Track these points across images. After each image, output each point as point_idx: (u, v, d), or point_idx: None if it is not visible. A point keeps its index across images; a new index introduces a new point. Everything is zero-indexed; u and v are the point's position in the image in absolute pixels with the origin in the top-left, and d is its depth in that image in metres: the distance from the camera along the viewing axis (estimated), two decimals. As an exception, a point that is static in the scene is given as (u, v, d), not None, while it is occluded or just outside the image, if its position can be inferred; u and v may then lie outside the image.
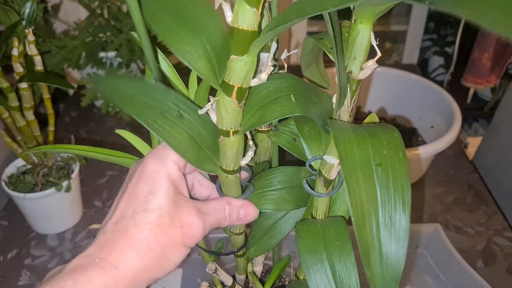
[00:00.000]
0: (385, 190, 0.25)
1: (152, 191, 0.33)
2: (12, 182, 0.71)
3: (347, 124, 0.31)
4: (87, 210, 0.80)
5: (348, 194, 0.25)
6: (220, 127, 0.33)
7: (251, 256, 0.45)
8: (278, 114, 0.33)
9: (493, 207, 0.80)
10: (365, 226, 0.24)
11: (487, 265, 0.70)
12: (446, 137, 0.72)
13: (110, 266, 0.30)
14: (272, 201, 0.39)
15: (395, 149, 0.27)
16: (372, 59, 0.30)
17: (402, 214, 0.25)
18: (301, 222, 0.38)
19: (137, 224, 0.32)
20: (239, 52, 0.28)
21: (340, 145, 0.27)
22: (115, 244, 0.31)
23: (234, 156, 0.35)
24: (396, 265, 0.25)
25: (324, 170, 0.35)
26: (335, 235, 0.35)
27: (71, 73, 1.12)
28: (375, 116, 0.37)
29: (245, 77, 0.30)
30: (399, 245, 0.25)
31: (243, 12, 0.27)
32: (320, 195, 0.36)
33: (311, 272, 0.34)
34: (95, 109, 1.07)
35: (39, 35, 0.91)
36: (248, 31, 0.27)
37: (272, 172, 0.40)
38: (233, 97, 0.31)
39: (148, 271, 0.32)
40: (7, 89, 0.65)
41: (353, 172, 0.25)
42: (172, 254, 0.33)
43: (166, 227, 0.32)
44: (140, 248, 0.31)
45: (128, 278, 0.31)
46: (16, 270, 0.69)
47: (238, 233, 0.43)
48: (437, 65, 1.80)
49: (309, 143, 0.38)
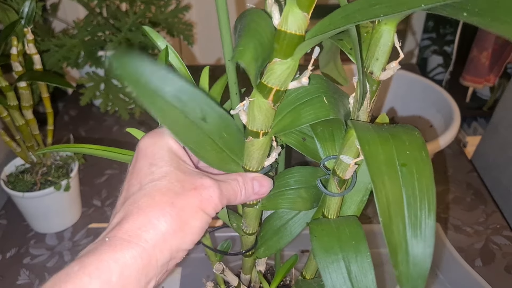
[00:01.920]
0: (410, 190, 0.25)
1: (153, 163, 0.31)
2: (11, 181, 0.71)
3: (368, 125, 0.31)
4: (86, 209, 0.80)
5: (376, 195, 0.25)
6: (251, 128, 0.33)
7: (260, 257, 0.45)
8: (312, 118, 0.33)
9: (492, 206, 0.80)
10: (392, 226, 0.25)
11: (485, 264, 0.70)
12: (445, 136, 0.72)
13: (121, 241, 0.27)
14: (289, 200, 0.39)
15: (417, 149, 0.27)
16: (395, 60, 0.30)
17: (427, 213, 0.25)
18: (315, 221, 0.38)
19: (147, 193, 0.29)
20: (283, 55, 0.28)
21: (365, 146, 0.27)
22: (126, 219, 0.29)
23: (260, 157, 0.35)
24: (423, 264, 0.25)
25: (339, 170, 0.35)
26: (350, 235, 0.35)
27: (70, 72, 1.12)
28: (385, 116, 0.37)
29: (285, 80, 0.30)
30: (425, 244, 0.25)
31: (293, 16, 0.26)
32: (334, 194, 0.36)
33: (327, 271, 0.34)
34: (94, 108, 1.07)
35: (38, 34, 0.91)
36: (295, 35, 0.27)
37: (289, 172, 0.40)
38: (269, 99, 0.30)
39: (168, 239, 0.29)
40: (6, 88, 0.65)
41: (379, 173, 0.26)
42: (192, 218, 0.30)
43: (178, 190, 0.30)
44: (153, 215, 0.28)
45: (145, 250, 0.28)
46: (15, 269, 0.69)
47: (251, 233, 0.43)
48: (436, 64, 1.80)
49: (323, 143, 0.38)
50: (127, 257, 0.27)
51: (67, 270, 0.27)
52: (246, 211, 0.40)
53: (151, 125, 1.00)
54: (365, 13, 0.24)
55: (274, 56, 0.28)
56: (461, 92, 1.64)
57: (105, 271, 0.26)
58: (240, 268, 0.51)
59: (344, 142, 0.33)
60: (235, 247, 0.46)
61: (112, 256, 0.27)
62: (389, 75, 0.30)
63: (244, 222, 0.42)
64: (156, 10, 1.01)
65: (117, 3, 0.99)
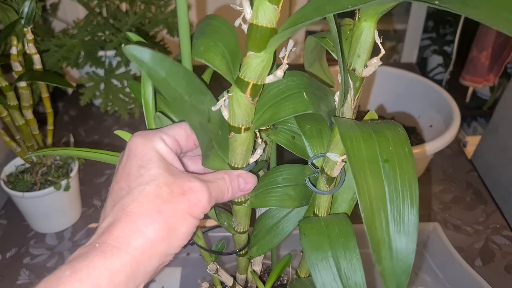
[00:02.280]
0: (393, 186, 0.26)
1: (142, 165, 0.31)
2: (11, 181, 0.71)
3: (352, 122, 0.31)
4: (86, 209, 0.80)
5: (357, 191, 0.25)
6: (232, 123, 0.33)
7: (253, 256, 0.45)
8: (291, 111, 0.33)
9: (492, 206, 0.80)
10: (375, 222, 0.25)
11: (485, 264, 0.70)
12: (445, 136, 0.73)
13: (111, 248, 0.28)
14: (277, 198, 0.39)
15: (400, 145, 0.27)
16: (376, 56, 0.30)
17: (410, 209, 0.25)
18: (305, 220, 0.38)
19: (134, 198, 0.30)
20: (256, 49, 0.29)
21: (347, 142, 0.27)
22: (115, 225, 0.29)
23: (244, 153, 0.35)
24: (406, 259, 0.25)
25: (327, 167, 0.35)
26: (339, 232, 0.35)
27: (70, 72, 1.12)
28: (374, 113, 0.37)
29: (261, 74, 0.30)
30: (408, 240, 0.25)
31: (263, 9, 0.27)
32: (323, 192, 0.36)
33: (316, 269, 0.34)
34: (94, 108, 1.07)
35: (38, 33, 0.91)
36: (267, 28, 0.28)
37: (277, 170, 0.41)
38: (247, 93, 0.31)
39: (156, 246, 0.29)
40: (6, 88, 0.65)
41: (361, 169, 0.26)
42: (179, 224, 0.30)
43: (166, 196, 0.30)
44: (141, 222, 0.29)
45: (134, 258, 0.28)
46: (15, 269, 0.69)
47: (242, 231, 0.43)
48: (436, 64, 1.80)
49: (311, 141, 0.38)
50: (116, 264, 0.28)
51: (58, 275, 0.27)
52: (236, 210, 0.41)
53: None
54: (335, 4, 0.24)
55: (248, 50, 0.29)
56: (461, 92, 1.64)
57: (95, 278, 0.27)
58: (236, 268, 0.51)
59: (330, 139, 0.34)
60: (230, 247, 0.47)
61: (102, 262, 0.27)
62: (371, 71, 0.31)
63: (234, 221, 0.42)
64: (156, 10, 1.01)
65: (117, 3, 0.99)
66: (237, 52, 0.32)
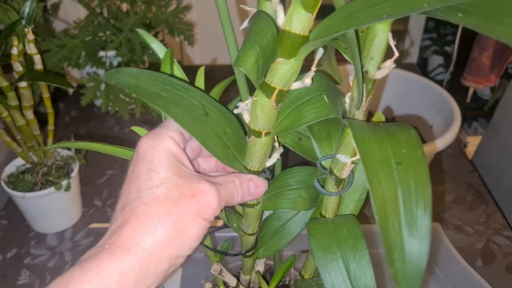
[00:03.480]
0: (406, 188, 0.25)
1: (152, 168, 0.31)
2: (12, 181, 0.71)
3: (364, 124, 0.31)
4: (87, 209, 0.80)
5: (372, 194, 0.25)
6: (253, 127, 0.33)
7: (260, 257, 0.45)
8: (314, 117, 0.33)
9: (493, 206, 0.80)
10: (388, 224, 0.25)
11: (486, 264, 0.70)
12: (446, 136, 0.72)
13: (121, 249, 0.28)
14: (289, 200, 0.39)
15: (413, 147, 0.27)
16: (389, 59, 0.30)
17: (423, 211, 0.25)
18: (313, 221, 0.38)
19: (144, 201, 0.30)
20: (287, 56, 0.28)
21: (361, 145, 0.27)
22: (124, 227, 0.29)
23: (262, 157, 0.35)
24: (419, 262, 0.25)
25: (336, 169, 0.35)
26: (348, 234, 0.35)
27: (70, 72, 1.12)
28: (381, 115, 0.37)
29: (289, 80, 0.30)
30: (421, 243, 0.25)
31: (297, 16, 0.26)
32: (331, 194, 0.36)
33: (326, 270, 0.34)
34: (95, 108, 1.07)
35: (39, 34, 0.91)
36: (299, 36, 0.27)
37: (289, 172, 0.40)
38: (272, 99, 0.31)
39: (166, 247, 0.29)
40: (7, 88, 0.65)
41: (375, 172, 0.26)
42: (189, 226, 0.30)
43: (176, 198, 0.30)
44: (151, 223, 0.29)
45: (143, 259, 0.28)
46: (16, 269, 0.69)
47: (251, 233, 0.43)
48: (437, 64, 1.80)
49: (320, 142, 0.38)
50: (125, 265, 0.28)
51: (68, 275, 0.27)
52: (247, 212, 0.41)
53: (155, 123, 1.01)
54: (367, 13, 0.24)
55: (277, 56, 0.29)
56: (462, 92, 1.64)
57: (104, 278, 0.27)
58: (239, 268, 0.51)
59: (340, 141, 0.34)
60: (235, 247, 0.46)
61: (111, 263, 0.27)
62: (384, 74, 0.30)
63: (244, 223, 0.42)
64: (157, 11, 1.01)
65: (118, 3, 0.99)
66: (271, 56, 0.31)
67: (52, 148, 0.75)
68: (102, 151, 0.38)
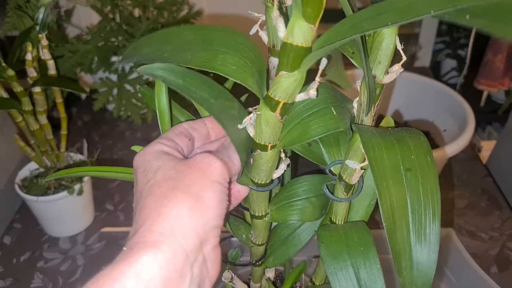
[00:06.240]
0: (415, 195, 0.25)
1: (146, 168, 0.30)
2: (25, 186, 0.72)
3: (373, 129, 0.30)
4: (99, 213, 0.81)
5: (380, 200, 0.24)
6: (258, 141, 0.32)
7: (270, 266, 0.45)
8: (322, 130, 0.32)
9: (507, 212, 0.79)
10: (396, 232, 0.24)
11: (501, 271, 0.68)
12: (459, 141, 0.72)
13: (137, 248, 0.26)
14: (298, 211, 0.39)
15: (423, 154, 0.27)
16: (397, 63, 0.30)
17: (432, 219, 0.25)
18: (322, 228, 0.37)
19: (146, 194, 0.28)
20: (289, 68, 0.28)
21: (370, 151, 0.26)
22: (134, 226, 0.27)
23: (269, 170, 0.35)
24: (427, 270, 0.24)
25: (345, 175, 0.34)
26: (358, 241, 0.34)
27: (83, 77, 1.13)
28: (390, 119, 0.37)
29: (293, 93, 0.29)
30: (430, 250, 0.24)
31: (299, 28, 0.26)
32: (341, 200, 0.36)
33: (336, 278, 0.33)
34: (107, 113, 1.08)
35: (52, 40, 0.92)
36: (302, 47, 0.26)
37: (297, 182, 0.40)
38: (277, 112, 0.30)
39: (185, 221, 0.27)
40: (21, 94, 0.66)
41: (384, 178, 0.25)
42: (201, 191, 0.28)
43: (175, 175, 0.29)
44: (157, 205, 0.27)
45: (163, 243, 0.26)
46: (29, 273, 0.70)
47: (260, 244, 0.42)
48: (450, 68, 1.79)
49: (328, 148, 0.37)
50: (144, 261, 0.25)
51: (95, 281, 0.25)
52: (255, 223, 0.40)
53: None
54: (373, 22, 0.24)
55: (280, 69, 0.28)
56: (476, 96, 1.62)
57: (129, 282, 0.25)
58: (249, 275, 0.51)
59: (349, 147, 0.33)
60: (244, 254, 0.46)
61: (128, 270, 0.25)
62: (392, 78, 0.30)
63: (253, 233, 0.42)
64: (169, 16, 1.02)
65: (130, 9, 1.00)
66: (264, 69, 0.31)
67: (64, 155, 0.76)
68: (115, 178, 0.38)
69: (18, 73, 0.65)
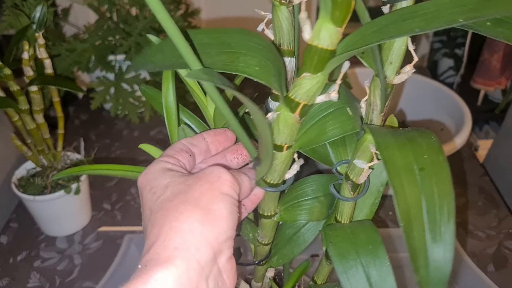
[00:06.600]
0: (429, 195, 0.25)
1: (152, 186, 0.30)
2: (22, 185, 0.72)
3: (384, 129, 0.30)
4: (96, 213, 0.80)
5: (396, 200, 0.24)
6: (274, 141, 0.32)
7: (274, 266, 0.44)
8: (339, 131, 0.32)
9: (504, 211, 0.79)
10: (413, 231, 0.24)
11: (498, 269, 0.69)
12: (457, 140, 0.72)
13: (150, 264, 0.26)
14: (307, 210, 0.39)
15: (435, 153, 0.27)
16: (409, 64, 0.29)
17: (447, 218, 0.25)
18: (329, 227, 0.37)
19: (157, 210, 0.28)
20: (313, 70, 0.28)
21: (383, 151, 0.26)
22: (147, 242, 0.27)
23: (283, 171, 0.35)
24: (443, 269, 0.24)
25: (353, 174, 0.34)
26: (366, 240, 0.34)
27: (80, 76, 1.13)
28: (394, 118, 0.37)
29: (314, 95, 0.29)
30: (445, 249, 0.24)
31: (326, 31, 0.26)
32: (348, 199, 0.36)
33: (345, 277, 0.34)
34: (105, 112, 1.08)
35: (49, 38, 0.92)
36: (327, 50, 0.26)
37: (305, 182, 0.40)
38: (296, 114, 0.30)
39: (198, 234, 0.27)
40: (18, 92, 0.66)
41: (398, 178, 0.25)
42: (211, 203, 0.28)
43: (185, 189, 0.29)
44: (169, 220, 0.27)
45: (177, 257, 0.26)
46: (25, 272, 0.70)
47: (266, 243, 0.42)
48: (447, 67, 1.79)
49: (335, 148, 0.37)
50: (159, 275, 0.25)
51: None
52: (263, 223, 0.40)
53: (164, 126, 1.01)
54: (399, 27, 0.23)
55: (303, 71, 0.28)
56: (473, 95, 1.62)
57: None
58: (248, 274, 0.51)
59: (357, 146, 0.33)
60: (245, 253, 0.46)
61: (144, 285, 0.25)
62: (404, 79, 0.30)
63: (260, 233, 0.41)
64: (166, 15, 1.02)
65: (128, 7, 1.00)
66: (282, 69, 0.30)
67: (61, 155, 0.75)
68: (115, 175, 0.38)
69: (14, 72, 0.65)
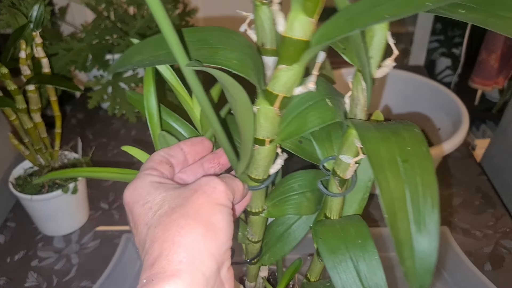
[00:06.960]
0: (413, 186, 0.25)
1: (145, 201, 0.30)
2: (19, 184, 0.72)
3: (368, 123, 0.31)
4: (93, 212, 0.80)
5: (380, 193, 0.25)
6: (256, 136, 0.32)
7: (266, 264, 0.45)
8: (319, 122, 0.32)
9: (501, 210, 0.80)
10: (397, 223, 0.25)
11: (495, 269, 0.69)
12: (454, 139, 0.72)
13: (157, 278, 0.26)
14: (295, 205, 0.39)
15: (418, 144, 0.27)
16: (389, 58, 0.30)
17: (431, 208, 0.25)
18: (318, 223, 0.38)
19: (155, 225, 0.29)
20: (289, 62, 0.28)
21: (367, 144, 0.27)
22: (149, 257, 0.28)
23: (266, 165, 0.35)
24: (429, 259, 0.25)
25: (340, 170, 0.35)
26: (355, 234, 0.35)
27: (78, 75, 1.13)
28: (379, 113, 0.37)
29: (292, 86, 0.29)
30: (430, 239, 0.25)
31: (299, 22, 0.26)
32: (336, 195, 0.36)
33: (335, 272, 0.34)
34: (102, 111, 1.07)
35: (46, 37, 0.92)
36: (301, 41, 0.27)
37: (292, 177, 0.40)
38: (275, 106, 0.30)
39: (201, 246, 0.28)
40: (15, 92, 0.66)
41: (382, 170, 0.25)
42: (210, 216, 0.29)
43: (182, 202, 0.29)
44: (172, 234, 0.27)
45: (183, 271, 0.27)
46: (23, 272, 0.70)
47: (256, 241, 0.42)
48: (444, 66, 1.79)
49: (321, 144, 0.37)
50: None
51: None
52: (252, 220, 0.40)
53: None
54: (369, 14, 0.24)
55: (279, 63, 0.28)
56: (470, 94, 1.63)
57: None
58: (242, 274, 0.51)
59: (343, 141, 0.33)
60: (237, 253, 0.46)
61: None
62: (385, 73, 0.30)
63: (249, 231, 0.42)
64: (163, 14, 1.02)
65: (125, 6, 1.00)
66: (260, 64, 0.31)
67: (58, 154, 0.75)
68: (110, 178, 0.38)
69: (12, 71, 0.65)
